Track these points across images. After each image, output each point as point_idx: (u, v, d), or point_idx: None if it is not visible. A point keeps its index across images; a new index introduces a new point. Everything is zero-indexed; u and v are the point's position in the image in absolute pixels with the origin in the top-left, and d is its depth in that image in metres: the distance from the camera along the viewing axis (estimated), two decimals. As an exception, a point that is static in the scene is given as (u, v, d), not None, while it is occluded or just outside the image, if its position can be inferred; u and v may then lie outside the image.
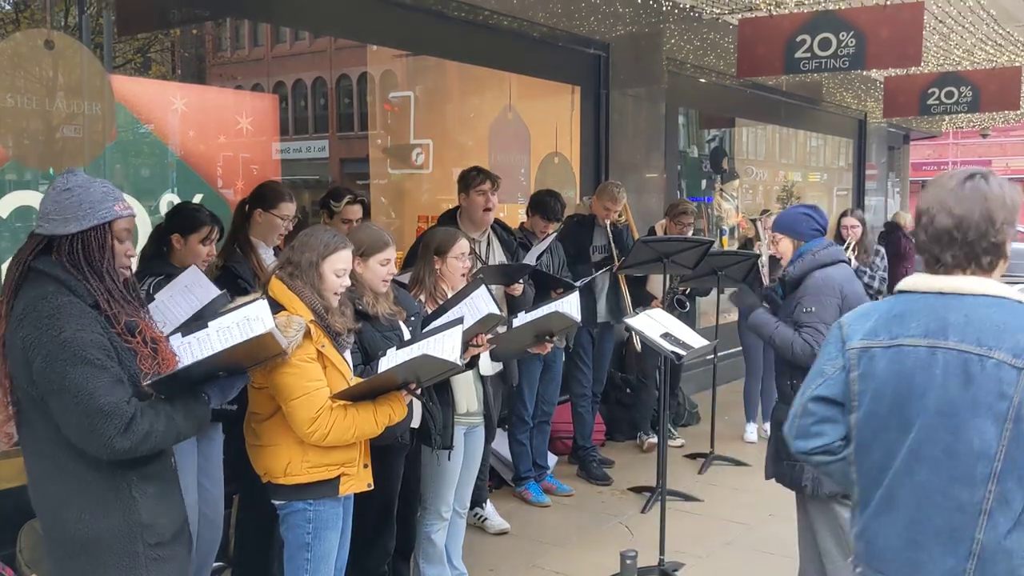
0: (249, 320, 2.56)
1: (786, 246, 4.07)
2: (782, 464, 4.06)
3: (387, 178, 7.01)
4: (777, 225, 4.16)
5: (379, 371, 3.05)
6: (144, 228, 4.45)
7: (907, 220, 13.13)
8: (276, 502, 3.04)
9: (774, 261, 6.51)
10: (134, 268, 2.64)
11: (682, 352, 4.41)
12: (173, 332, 2.59)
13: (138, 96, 4.99)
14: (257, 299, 2.66)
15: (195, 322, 2.64)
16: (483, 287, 3.79)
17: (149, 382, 2.46)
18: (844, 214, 6.93)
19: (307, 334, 2.88)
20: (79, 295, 2.33)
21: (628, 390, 7.50)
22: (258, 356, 2.65)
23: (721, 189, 11.09)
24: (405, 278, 4.10)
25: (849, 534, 3.88)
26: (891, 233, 12.87)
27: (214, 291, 3.21)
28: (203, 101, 5.49)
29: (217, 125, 5.48)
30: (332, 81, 7.09)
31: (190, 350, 2.52)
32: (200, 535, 3.74)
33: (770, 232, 6.82)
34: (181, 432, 2.39)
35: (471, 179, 5.05)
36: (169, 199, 5.07)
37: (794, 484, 4.05)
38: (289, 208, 4.06)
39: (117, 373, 2.30)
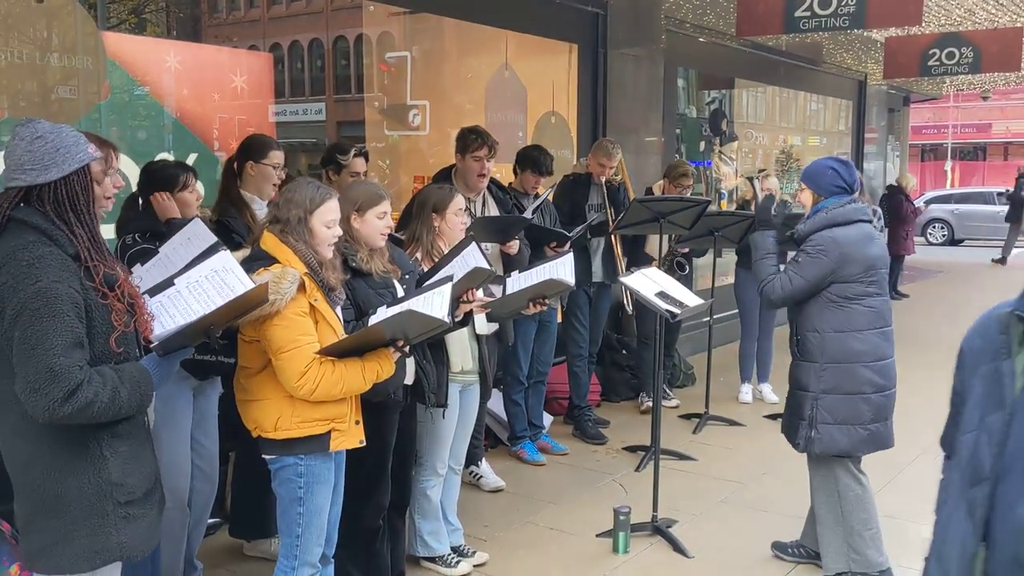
0: (218, 272, 2.55)
1: (806, 198, 4.07)
2: (789, 418, 4.12)
3: (384, 140, 6.97)
4: (803, 174, 4.14)
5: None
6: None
7: (911, 183, 13.08)
8: (267, 456, 3.05)
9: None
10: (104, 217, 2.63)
11: (677, 310, 4.41)
12: (143, 292, 2.58)
13: (132, 54, 4.95)
14: (218, 250, 2.64)
15: (161, 284, 2.62)
16: (474, 244, 3.78)
17: (156, 345, 2.47)
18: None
19: (300, 287, 2.88)
20: (60, 245, 2.31)
21: (624, 351, 7.53)
22: (245, 310, 2.66)
23: (720, 151, 11.04)
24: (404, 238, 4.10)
25: (843, 500, 3.92)
26: (893, 196, 12.82)
27: (212, 240, 3.21)
28: (198, 59, 5.44)
29: (212, 84, 5.44)
30: (328, 43, 7.03)
31: (164, 309, 2.51)
32: (195, 488, 3.76)
33: (767, 189, 6.85)
34: (122, 409, 2.34)
35: (469, 142, 5.01)
36: (164, 158, 5.04)
37: (791, 441, 4.09)
38: (278, 156, 4.06)
39: (79, 335, 2.27)
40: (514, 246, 4.90)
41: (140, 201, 3.74)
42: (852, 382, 3.90)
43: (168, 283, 2.58)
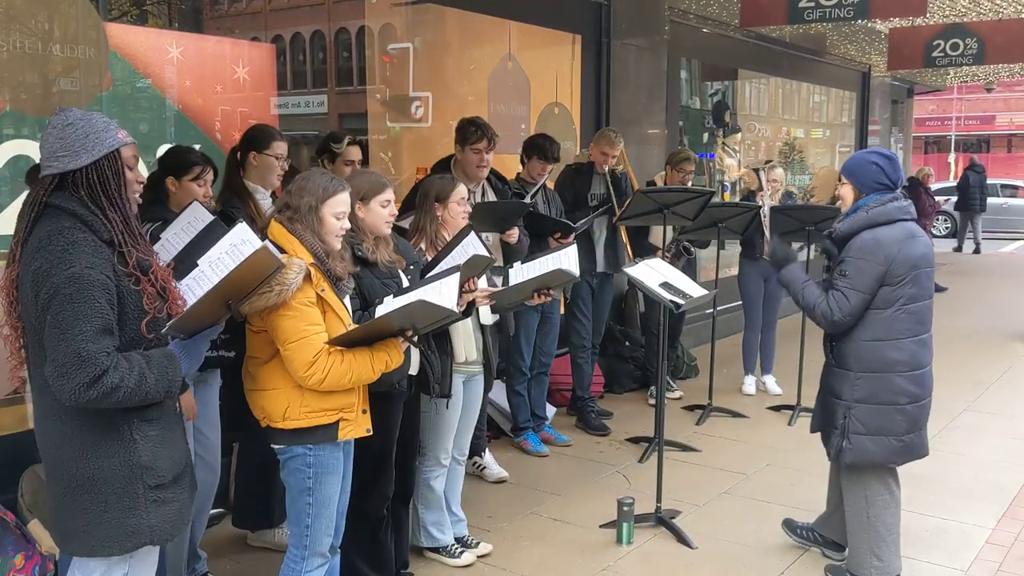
0: (236, 246, 2.57)
1: (846, 193, 3.87)
2: (824, 425, 4.02)
3: (386, 133, 6.95)
4: (844, 168, 3.94)
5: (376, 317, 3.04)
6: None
7: (930, 176, 12.97)
8: (276, 447, 3.04)
9: (775, 212, 6.51)
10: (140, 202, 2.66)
11: (681, 301, 4.40)
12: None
13: (134, 45, 4.94)
14: (237, 222, 2.66)
15: (184, 265, 2.64)
16: (472, 233, 3.78)
17: (167, 328, 2.48)
18: (845, 165, 6.89)
19: (307, 277, 2.87)
20: (95, 231, 2.35)
21: (627, 343, 7.53)
22: (258, 277, 2.67)
23: (723, 143, 11.01)
24: (406, 224, 4.10)
25: (872, 506, 3.86)
26: (912, 189, 12.70)
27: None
28: (200, 50, 5.42)
29: (214, 76, 5.42)
30: (331, 35, 7.00)
31: (191, 292, 2.53)
32: (198, 478, 3.74)
33: (774, 184, 6.83)
34: (150, 393, 2.37)
35: (468, 134, 5.00)
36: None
37: (826, 447, 4.02)
38: (282, 147, 4.06)
39: (109, 322, 2.31)
40: (514, 235, 4.89)
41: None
42: (887, 392, 3.75)
43: (192, 265, 2.60)
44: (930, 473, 5.45)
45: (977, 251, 18.21)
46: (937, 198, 23.97)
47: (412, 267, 3.64)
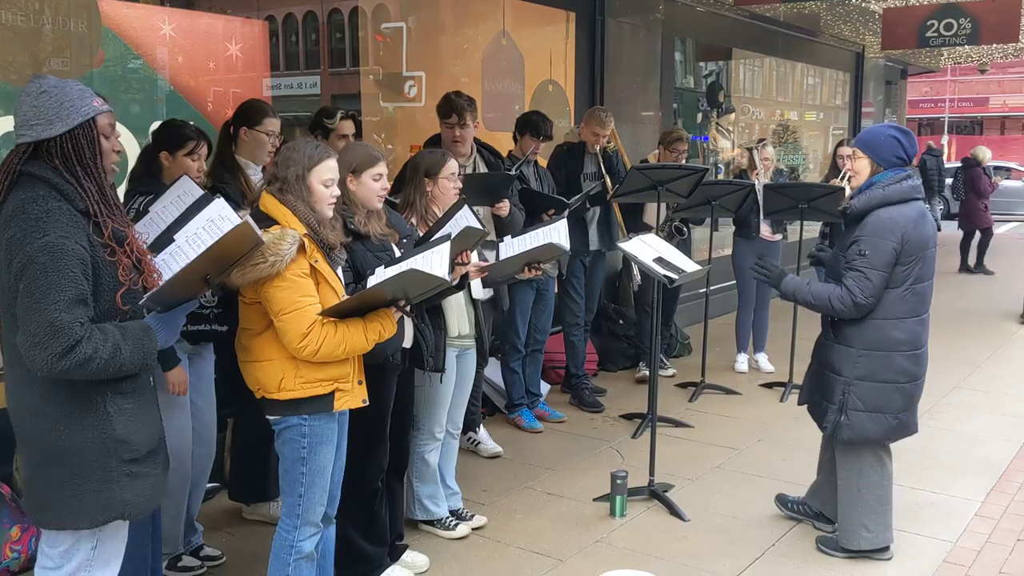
0: (213, 221, 2.56)
1: (862, 167, 3.79)
2: (815, 398, 4.04)
3: (380, 114, 6.93)
4: (859, 140, 3.85)
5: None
6: (133, 154, 4.42)
7: (986, 155, 12.82)
8: (271, 417, 3.05)
9: (768, 190, 6.52)
10: (117, 172, 2.64)
11: (674, 276, 4.42)
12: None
13: (127, 21, 4.91)
14: (213, 199, 2.64)
15: (160, 239, 2.62)
16: (466, 207, 3.78)
17: (144, 300, 2.47)
18: (841, 143, 6.92)
19: (301, 248, 2.87)
20: (70, 200, 2.33)
21: (621, 321, 7.55)
22: (237, 252, 2.66)
23: (717, 123, 11.01)
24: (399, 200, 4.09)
25: (861, 480, 3.89)
26: (969, 168, 12.49)
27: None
28: (192, 26, 5.39)
29: (207, 53, 5.40)
30: (323, 15, 6.97)
31: (167, 266, 2.52)
32: (193, 452, 3.78)
33: (766, 162, 6.84)
34: (124, 365, 2.35)
35: (440, 110, 5.00)
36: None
37: (818, 422, 4.04)
38: (274, 124, 4.04)
39: (83, 292, 2.29)
40: (504, 207, 4.87)
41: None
42: (888, 371, 3.76)
43: (168, 239, 2.58)
44: (921, 448, 5.49)
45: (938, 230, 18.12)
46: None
47: (405, 240, 3.64)
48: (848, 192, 3.99)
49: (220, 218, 2.57)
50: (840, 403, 3.84)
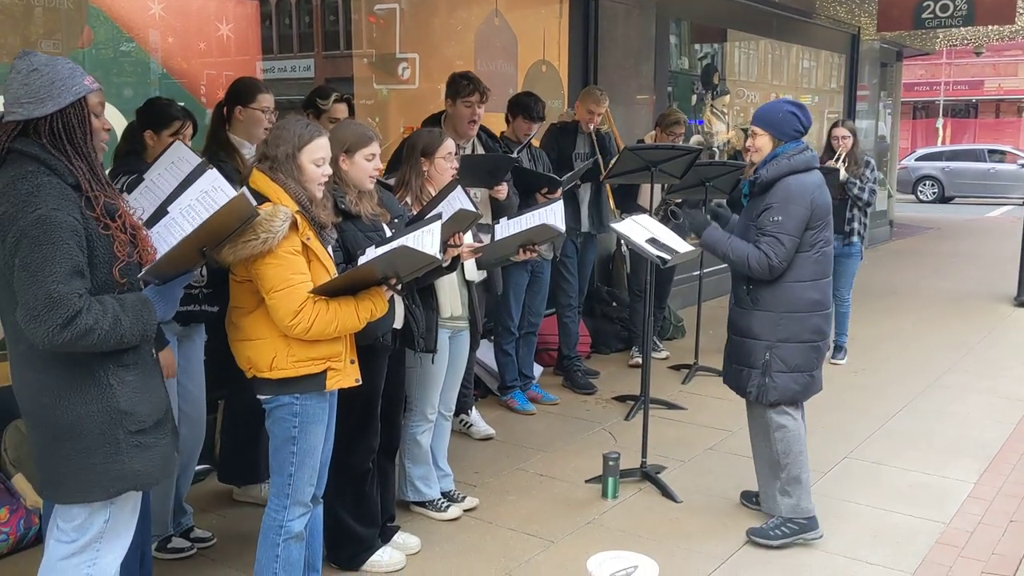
0: (208, 192, 2.54)
1: (763, 143, 3.94)
2: (733, 368, 4.13)
3: (373, 97, 6.89)
4: (758, 118, 3.99)
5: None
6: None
7: None
8: (262, 396, 3.02)
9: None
10: (106, 150, 2.61)
11: (667, 257, 4.39)
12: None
13: (117, 1, 4.85)
14: (206, 170, 2.61)
15: (155, 213, 2.60)
16: (459, 188, 3.75)
17: (143, 273, 2.45)
18: (835, 125, 6.87)
19: (293, 225, 2.84)
20: (60, 175, 2.31)
21: (614, 304, 7.53)
22: (233, 224, 2.65)
23: (712, 105, 10.96)
24: (392, 182, 4.06)
25: (779, 443, 3.94)
26: None
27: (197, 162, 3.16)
28: (183, 6, 5.33)
29: (198, 34, 5.34)
30: (316, -3, 6.91)
31: (162, 239, 2.51)
32: (182, 434, 3.73)
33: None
34: (125, 336, 2.35)
35: (460, 88, 4.95)
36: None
37: (739, 390, 4.11)
38: (268, 99, 3.99)
39: (78, 263, 2.28)
40: (502, 190, 4.86)
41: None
42: (806, 331, 3.91)
43: (162, 212, 2.57)
44: (914, 430, 5.50)
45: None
46: (929, 163, 24.05)
47: (396, 220, 3.60)
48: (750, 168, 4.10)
49: (214, 189, 2.55)
50: (763, 366, 3.94)
